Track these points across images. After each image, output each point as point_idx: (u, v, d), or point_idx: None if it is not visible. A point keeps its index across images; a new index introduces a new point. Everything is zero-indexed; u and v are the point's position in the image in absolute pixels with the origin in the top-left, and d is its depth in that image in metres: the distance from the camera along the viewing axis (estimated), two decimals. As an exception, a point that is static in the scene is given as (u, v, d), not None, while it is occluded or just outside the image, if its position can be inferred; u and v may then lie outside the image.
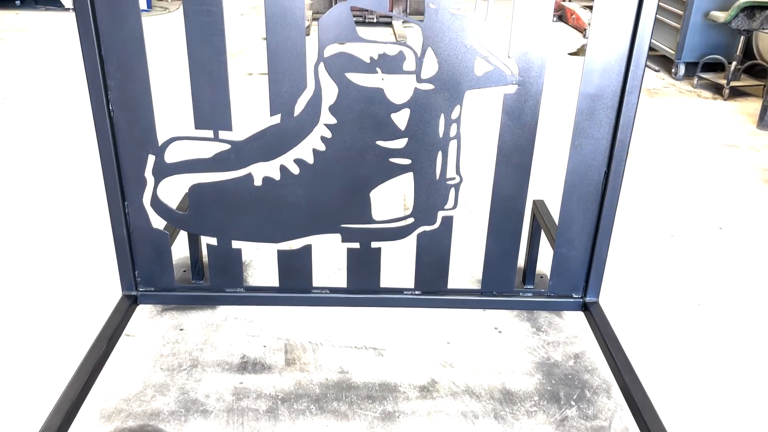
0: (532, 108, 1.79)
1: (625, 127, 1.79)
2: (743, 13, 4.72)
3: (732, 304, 2.48)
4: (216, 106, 1.77)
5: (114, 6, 1.64)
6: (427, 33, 1.71)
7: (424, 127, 1.83)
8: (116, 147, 1.80)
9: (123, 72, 1.71)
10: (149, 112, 1.77)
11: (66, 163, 3.52)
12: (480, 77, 1.77)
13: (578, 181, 1.88)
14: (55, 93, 4.68)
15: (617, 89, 1.76)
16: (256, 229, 1.94)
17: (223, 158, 1.84)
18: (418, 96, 1.79)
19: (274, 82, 1.77)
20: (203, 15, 1.66)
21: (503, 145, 1.85)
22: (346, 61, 1.74)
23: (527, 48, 1.73)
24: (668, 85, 5.37)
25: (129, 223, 1.90)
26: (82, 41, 1.67)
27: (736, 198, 3.37)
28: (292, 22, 1.70)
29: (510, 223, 1.95)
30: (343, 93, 1.79)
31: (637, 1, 1.67)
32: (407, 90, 1.80)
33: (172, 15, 7.46)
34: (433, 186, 1.90)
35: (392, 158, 1.87)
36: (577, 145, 1.84)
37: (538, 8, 1.69)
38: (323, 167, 1.87)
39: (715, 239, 2.95)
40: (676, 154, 3.94)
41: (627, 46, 1.72)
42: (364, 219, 1.94)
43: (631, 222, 3.07)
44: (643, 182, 3.51)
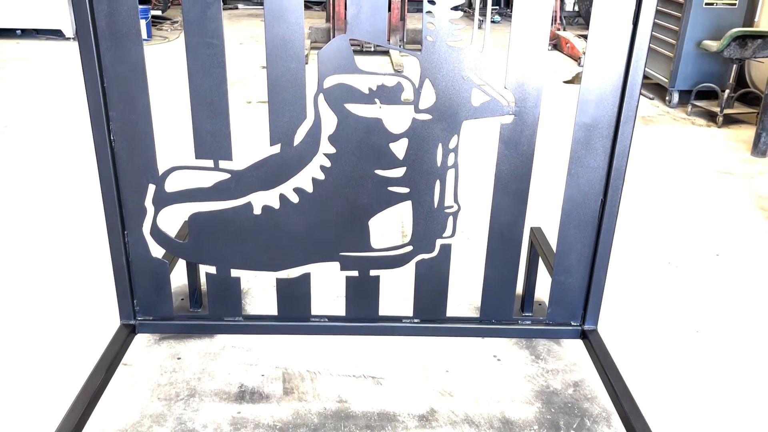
0: (528, 137, 1.82)
1: (620, 156, 1.81)
2: (735, 43, 4.80)
3: (730, 331, 2.48)
4: (216, 136, 1.79)
5: (117, 38, 1.67)
6: (424, 65, 1.74)
7: (423, 157, 1.85)
8: (117, 176, 1.82)
9: (125, 103, 1.73)
10: (150, 141, 1.79)
11: (65, 192, 3.53)
12: (477, 108, 1.80)
13: (575, 209, 1.90)
14: (55, 121, 4.72)
15: (612, 119, 1.79)
16: (256, 258, 1.95)
17: (223, 187, 1.86)
18: (416, 126, 1.82)
19: (274, 112, 1.79)
20: (205, 48, 1.69)
21: (500, 174, 1.87)
22: (345, 91, 1.77)
23: (523, 79, 1.76)
24: (663, 112, 5.43)
25: (128, 252, 1.91)
26: (85, 73, 1.69)
27: (732, 225, 3.39)
28: (292, 54, 1.73)
29: (508, 251, 1.97)
30: (342, 123, 1.81)
31: (631, 33, 1.71)
32: (405, 120, 1.83)
33: (172, 44, 7.54)
34: (432, 214, 1.91)
35: (391, 187, 1.89)
36: (573, 174, 1.86)
37: (533, 41, 1.72)
38: (322, 196, 1.88)
39: (712, 266, 2.96)
40: (672, 180, 3.97)
41: (621, 77, 1.75)
42: (362, 247, 1.95)
43: (628, 249, 3.08)
44: (639, 209, 3.53)
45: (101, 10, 1.63)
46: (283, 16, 1.69)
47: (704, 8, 5.16)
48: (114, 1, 1.62)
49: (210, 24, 1.67)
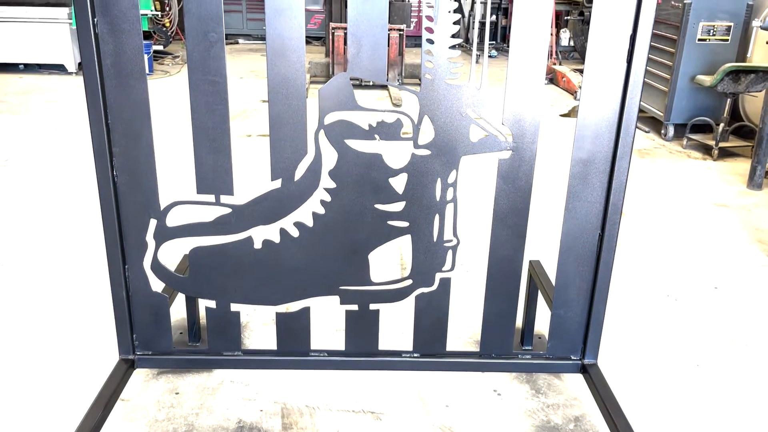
0: (526, 172, 1.84)
1: (617, 191, 1.84)
2: (728, 77, 4.88)
3: (730, 365, 2.47)
4: (218, 172, 1.82)
5: (122, 76, 1.70)
6: (423, 102, 1.77)
7: (422, 191, 1.87)
8: (119, 211, 1.83)
9: (128, 139, 1.76)
10: (152, 177, 1.81)
11: (66, 226, 3.55)
12: (475, 143, 1.83)
13: (573, 243, 1.91)
14: (56, 156, 4.75)
15: (608, 154, 1.82)
16: (256, 292, 1.95)
17: (224, 222, 1.87)
18: (415, 161, 1.84)
19: (275, 148, 1.82)
20: (208, 85, 1.73)
21: (499, 208, 1.89)
22: (346, 128, 1.80)
23: (520, 115, 1.79)
24: (658, 145, 5.48)
25: (129, 286, 1.92)
26: (90, 109, 1.72)
27: (730, 257, 3.41)
28: (293, 92, 1.77)
29: (507, 285, 1.97)
30: (342, 158, 1.83)
31: (625, 71, 1.74)
32: (405, 155, 1.86)
33: (173, 78, 7.64)
34: (431, 248, 1.93)
35: (390, 221, 1.91)
36: (571, 208, 1.88)
37: (529, 79, 1.76)
38: (323, 230, 1.90)
39: (710, 299, 2.96)
40: (669, 213, 3.99)
41: (616, 114, 1.78)
42: (362, 281, 1.96)
43: (627, 282, 3.08)
44: (637, 242, 3.55)
45: (107, 49, 1.66)
46: (285, 55, 1.72)
47: (697, 44, 5.25)
48: (120, 40, 1.66)
49: (213, 63, 1.71)
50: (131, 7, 1.64)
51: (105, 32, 1.66)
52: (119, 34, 1.66)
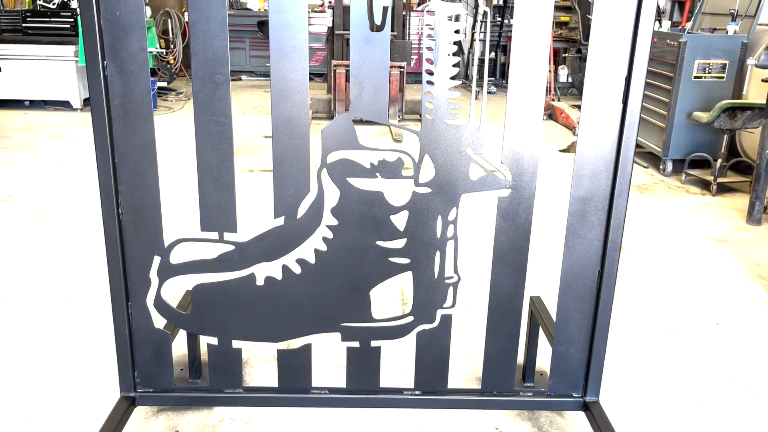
0: (525, 210, 1.87)
1: (616, 229, 1.86)
2: (725, 114, 4.94)
3: (733, 402, 2.46)
4: (222, 210, 1.84)
5: (129, 116, 1.74)
6: (424, 141, 1.81)
7: (423, 228, 1.89)
8: (123, 249, 1.86)
9: (134, 177, 1.79)
10: (157, 215, 1.83)
11: (69, 263, 3.56)
12: (475, 182, 1.86)
13: (573, 280, 1.93)
14: (61, 191, 4.79)
15: (606, 193, 1.85)
16: (257, 329, 1.96)
17: (227, 259, 1.89)
18: (416, 199, 1.87)
19: (278, 185, 1.85)
20: (213, 125, 1.76)
21: (499, 246, 1.91)
22: (348, 166, 1.83)
23: (519, 154, 1.82)
24: (657, 181, 5.52)
25: (131, 323, 1.92)
26: (97, 148, 1.76)
27: (731, 293, 3.41)
28: (297, 131, 1.80)
29: (508, 322, 1.98)
30: (344, 196, 1.86)
31: (621, 111, 1.78)
32: (406, 193, 1.88)
33: (177, 114, 7.73)
34: (432, 285, 1.94)
35: (392, 258, 1.93)
36: (570, 246, 1.90)
37: (528, 118, 1.80)
38: (324, 267, 1.91)
39: (712, 335, 2.96)
40: (669, 248, 4.00)
41: (614, 153, 1.82)
42: (363, 318, 1.97)
43: (628, 318, 3.08)
44: (637, 277, 3.55)
45: (115, 90, 1.71)
46: (289, 96, 1.77)
47: (693, 81, 5.33)
48: (128, 82, 1.71)
49: (219, 103, 1.75)
50: (139, 50, 1.69)
51: (114, 74, 1.70)
52: (128, 75, 1.70)
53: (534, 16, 1.71)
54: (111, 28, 1.67)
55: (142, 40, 1.69)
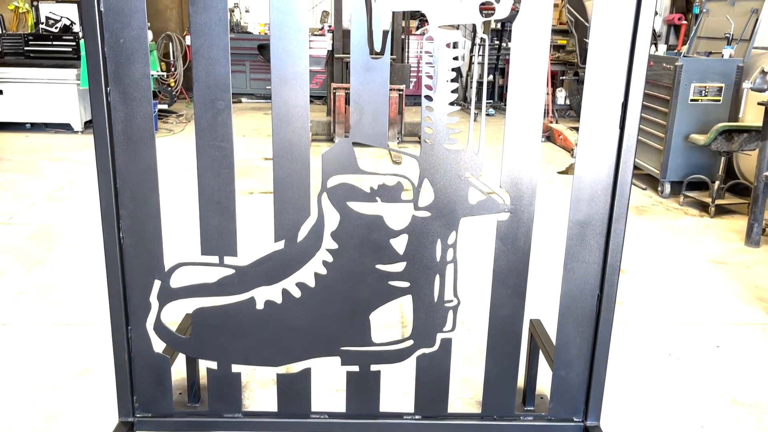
0: (524, 234, 1.88)
1: (614, 253, 1.87)
2: (722, 137, 4.97)
3: (735, 426, 2.45)
4: (222, 234, 1.85)
5: (131, 141, 1.76)
6: (423, 166, 1.83)
7: (422, 252, 1.90)
8: (124, 273, 1.86)
9: (135, 202, 1.80)
10: (158, 239, 1.84)
11: (69, 286, 3.56)
12: (474, 205, 1.87)
13: (572, 304, 1.93)
14: (61, 214, 4.80)
15: (605, 216, 1.86)
16: (257, 353, 1.96)
17: (227, 282, 1.89)
18: (415, 222, 1.88)
19: (279, 210, 1.86)
20: (214, 150, 1.78)
21: (498, 269, 1.92)
22: (348, 191, 1.85)
23: (518, 178, 1.84)
24: (656, 202, 5.54)
25: (131, 347, 1.92)
26: (99, 173, 1.77)
27: (731, 315, 3.41)
28: (297, 156, 1.82)
29: (508, 345, 1.98)
30: (344, 220, 1.87)
31: (618, 137, 1.80)
32: (405, 217, 1.90)
33: (177, 136, 7.78)
34: (432, 308, 1.94)
35: (391, 281, 1.93)
36: (569, 269, 1.91)
37: (526, 142, 1.81)
38: (324, 290, 1.92)
39: (713, 358, 2.95)
40: (668, 271, 4.01)
41: (611, 177, 1.83)
42: (363, 342, 1.97)
43: (628, 340, 3.08)
44: (637, 300, 3.55)
45: (118, 116, 1.72)
46: (290, 121, 1.79)
47: (690, 104, 5.38)
48: (130, 108, 1.73)
49: (220, 128, 1.77)
50: (142, 76, 1.71)
51: (117, 100, 1.72)
52: (130, 102, 1.72)
53: (531, 41, 1.73)
54: (114, 55, 1.69)
55: (145, 67, 1.71)
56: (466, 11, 1.69)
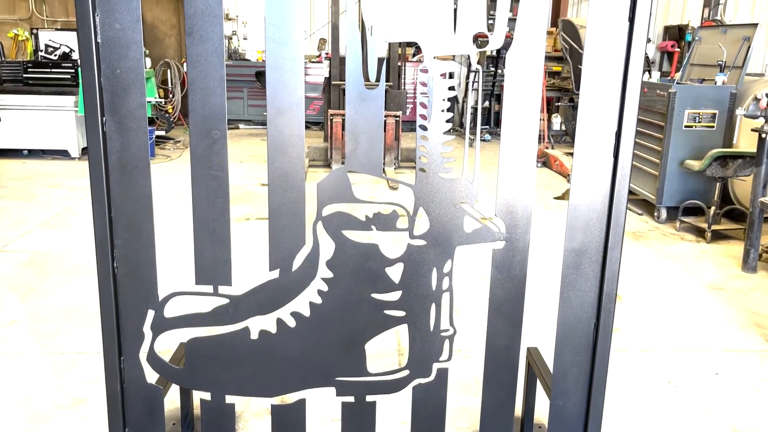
0: (520, 262, 1.87)
1: (610, 281, 1.86)
2: (716, 162, 5.00)
3: (736, 455, 2.42)
4: (217, 263, 1.84)
5: (127, 171, 1.76)
6: (418, 194, 1.83)
7: (418, 280, 1.89)
8: (117, 302, 1.85)
9: (130, 231, 1.80)
10: (152, 268, 1.83)
11: (62, 315, 3.53)
12: (469, 234, 1.87)
13: (569, 332, 1.92)
14: (56, 241, 4.79)
15: (600, 245, 1.86)
16: (251, 383, 1.94)
17: (222, 312, 1.88)
18: (411, 251, 1.88)
19: (274, 238, 1.85)
20: (210, 179, 1.78)
21: (494, 298, 1.91)
22: (343, 219, 1.85)
23: (513, 207, 1.84)
24: (652, 228, 5.55)
25: (123, 378, 1.90)
26: (94, 203, 1.77)
27: (729, 342, 3.39)
28: (293, 185, 1.82)
29: (505, 374, 1.96)
30: (340, 248, 1.87)
31: (612, 166, 1.81)
32: (401, 245, 1.89)
33: (174, 162, 7.80)
34: (428, 338, 1.93)
35: (387, 310, 1.92)
36: (566, 298, 1.90)
37: (521, 172, 1.82)
38: (319, 320, 1.90)
39: (712, 385, 2.93)
40: (666, 297, 4.00)
41: (606, 206, 1.83)
42: (358, 372, 1.95)
43: (626, 368, 3.05)
44: (635, 326, 3.53)
45: (113, 146, 1.73)
46: (285, 151, 1.79)
47: (684, 130, 5.41)
48: (126, 137, 1.73)
49: (216, 158, 1.77)
50: (138, 106, 1.72)
51: (113, 130, 1.73)
52: (126, 131, 1.73)
53: (525, 71, 1.75)
54: (111, 85, 1.70)
55: (141, 97, 1.72)
56: (460, 42, 1.71)
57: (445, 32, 1.71)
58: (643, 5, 1.67)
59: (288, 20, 1.68)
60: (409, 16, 1.71)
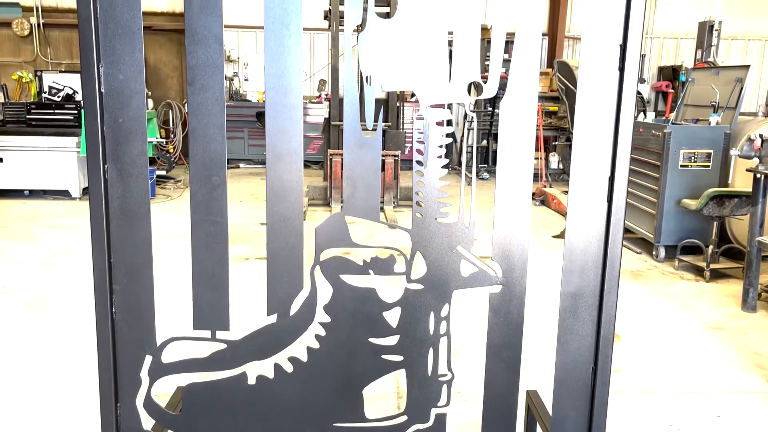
0: (517, 307, 1.88)
1: (607, 324, 1.86)
2: (713, 201, 5.04)
3: (739, 501, 2.38)
4: (215, 308, 1.85)
5: (127, 217, 1.78)
6: (415, 239, 1.85)
7: (415, 325, 1.90)
8: (115, 348, 1.85)
9: (129, 277, 1.81)
10: (150, 313, 1.84)
11: (58, 359, 3.52)
12: (466, 278, 1.88)
13: (567, 377, 1.91)
14: (54, 283, 4.79)
15: (596, 288, 1.87)
16: (249, 430, 1.92)
17: (219, 357, 1.88)
18: (408, 295, 1.89)
19: (272, 283, 1.86)
20: (209, 225, 1.80)
21: (492, 342, 1.91)
22: (341, 264, 1.86)
23: (509, 251, 1.86)
24: (651, 266, 5.55)
25: (119, 424, 1.89)
26: (94, 249, 1.78)
27: (730, 383, 3.37)
28: (291, 230, 1.84)
29: (504, 420, 1.95)
30: (337, 293, 1.88)
31: (606, 211, 1.83)
32: (398, 289, 1.90)
33: (174, 202, 7.84)
34: (426, 383, 1.92)
35: (385, 355, 1.92)
36: (563, 342, 1.90)
37: (516, 216, 1.84)
38: (317, 365, 1.90)
39: (714, 428, 2.90)
40: (666, 337, 3.98)
41: (601, 249, 1.85)
42: (356, 418, 1.94)
43: (627, 410, 3.03)
44: (635, 367, 3.51)
45: (115, 193, 1.75)
46: (284, 196, 1.82)
47: (680, 169, 5.47)
48: (127, 184, 1.76)
49: (215, 204, 1.80)
50: (140, 154, 1.75)
51: (114, 177, 1.76)
52: (127, 178, 1.76)
53: (518, 120, 1.78)
54: (113, 133, 1.74)
55: (143, 144, 1.75)
56: (456, 91, 1.75)
57: (440, 81, 1.75)
58: (633, 55, 1.71)
59: (287, 71, 1.73)
60: (405, 66, 1.75)
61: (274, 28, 1.72)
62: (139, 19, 1.68)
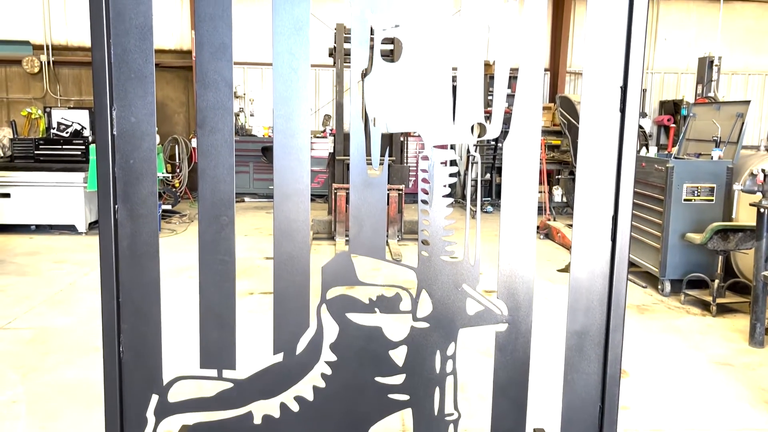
0: (523, 345, 1.88)
1: (614, 363, 1.86)
2: (717, 236, 5.04)
3: None
4: (222, 347, 1.86)
5: (136, 257, 1.80)
6: (421, 277, 1.86)
7: (422, 363, 1.90)
8: (121, 387, 1.85)
9: (137, 317, 1.82)
10: (158, 353, 1.85)
11: (64, 397, 3.50)
12: (472, 316, 1.89)
13: (574, 416, 1.90)
14: (59, 318, 4.79)
15: (602, 327, 1.87)
16: (254, 470, 1.91)
17: (225, 397, 1.88)
18: (414, 333, 1.89)
19: (278, 322, 1.87)
20: (217, 264, 1.82)
21: (498, 380, 1.91)
22: (347, 302, 1.87)
23: (514, 290, 1.87)
24: (657, 301, 5.53)
25: (125, 465, 1.88)
26: (103, 289, 1.80)
27: (739, 420, 3.33)
28: (298, 269, 1.86)
29: (511, 460, 1.93)
30: (343, 331, 1.89)
31: (610, 249, 1.84)
32: (404, 328, 1.91)
33: (180, 237, 7.87)
34: (432, 422, 1.92)
35: (391, 394, 1.91)
36: (569, 380, 1.90)
37: (521, 256, 1.86)
38: (323, 404, 1.90)
39: (724, 467, 2.86)
40: (673, 373, 3.95)
41: (606, 288, 1.86)
42: (363, 457, 1.92)
43: (635, 449, 2.99)
44: (643, 404, 3.48)
45: (124, 233, 1.78)
46: (291, 236, 1.84)
47: (684, 203, 5.48)
48: (137, 224, 1.78)
49: (223, 243, 1.82)
50: (149, 194, 1.78)
51: (124, 217, 1.78)
52: (137, 218, 1.78)
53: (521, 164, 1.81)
54: (124, 174, 1.77)
55: (153, 185, 1.78)
56: (459, 132, 1.79)
57: (444, 123, 1.79)
58: (633, 96, 1.75)
59: (295, 113, 1.77)
60: (410, 108, 1.79)
61: (283, 72, 1.76)
62: (152, 65, 1.73)
